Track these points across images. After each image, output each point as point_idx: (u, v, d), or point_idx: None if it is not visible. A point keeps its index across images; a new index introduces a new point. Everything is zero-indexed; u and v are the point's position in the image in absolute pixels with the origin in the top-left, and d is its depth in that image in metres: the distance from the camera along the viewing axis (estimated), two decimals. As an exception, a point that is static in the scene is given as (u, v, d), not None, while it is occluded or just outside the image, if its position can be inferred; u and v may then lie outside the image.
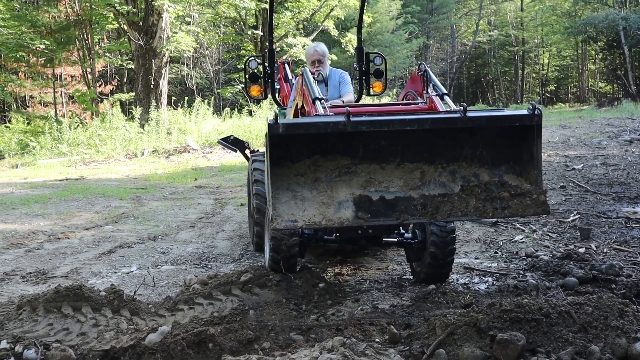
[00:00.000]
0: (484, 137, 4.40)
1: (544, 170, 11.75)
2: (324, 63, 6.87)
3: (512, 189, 4.29)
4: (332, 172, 4.28)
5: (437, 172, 4.39)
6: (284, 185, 4.17)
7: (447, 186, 4.34)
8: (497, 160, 4.44)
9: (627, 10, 40.84)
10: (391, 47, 42.63)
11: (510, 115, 4.42)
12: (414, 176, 4.36)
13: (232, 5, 24.66)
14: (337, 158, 4.28)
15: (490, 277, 5.76)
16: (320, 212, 4.13)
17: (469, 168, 4.42)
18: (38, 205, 10.20)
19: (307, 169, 4.25)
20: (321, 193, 4.22)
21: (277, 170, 4.09)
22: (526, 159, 4.38)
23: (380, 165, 4.33)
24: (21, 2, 28.04)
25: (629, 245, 6.65)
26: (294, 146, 4.18)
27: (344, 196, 4.21)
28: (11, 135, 20.67)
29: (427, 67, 5.39)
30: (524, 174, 4.40)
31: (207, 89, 38.29)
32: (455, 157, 4.40)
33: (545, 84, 59.93)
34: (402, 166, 4.36)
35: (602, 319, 3.55)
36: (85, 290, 4.85)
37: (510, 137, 4.40)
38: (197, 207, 9.91)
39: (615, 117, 23.87)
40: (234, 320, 4.38)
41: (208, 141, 20.21)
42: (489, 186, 4.31)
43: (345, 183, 4.26)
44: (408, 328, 4.18)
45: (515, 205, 4.26)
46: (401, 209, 4.23)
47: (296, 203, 4.15)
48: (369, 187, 4.27)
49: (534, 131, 4.26)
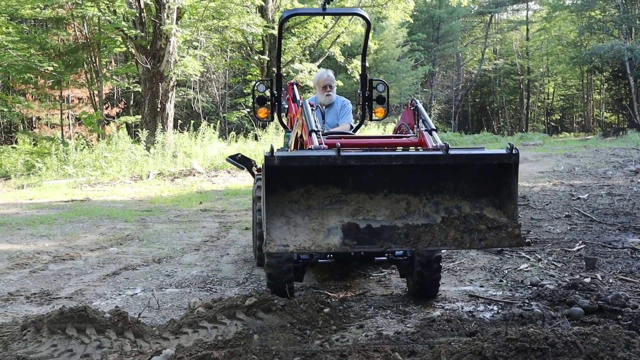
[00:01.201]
0: (465, 172, 4.63)
1: (549, 199, 11.78)
2: (333, 88, 7.39)
3: (490, 222, 4.53)
4: (324, 200, 4.51)
5: (422, 203, 4.62)
6: (278, 211, 4.40)
7: (430, 217, 4.58)
8: (478, 194, 4.67)
9: (633, 41, 41.09)
10: (397, 74, 42.88)
11: (489, 154, 4.68)
12: (400, 206, 4.59)
13: (240, 30, 24.84)
14: (328, 188, 4.51)
15: (496, 305, 5.74)
16: (311, 237, 4.37)
17: (452, 200, 4.65)
18: (43, 226, 10.22)
19: (300, 196, 4.48)
20: (312, 220, 4.45)
21: (273, 198, 4.34)
22: (505, 194, 4.60)
23: (368, 195, 4.57)
24: (30, 25, 28.31)
25: (634, 276, 6.62)
26: (289, 176, 4.42)
27: (333, 223, 4.45)
28: (17, 156, 20.74)
29: (419, 103, 5.69)
30: (502, 208, 4.62)
31: (213, 113, 38.45)
32: (439, 189, 4.63)
33: (550, 113, 60.10)
34: (389, 197, 4.59)
35: (609, 349, 3.53)
36: (90, 311, 4.84)
37: (490, 173, 4.64)
38: (202, 230, 9.91)
39: (621, 147, 23.89)
40: (238, 344, 4.37)
41: (213, 165, 20.26)
42: (468, 218, 4.54)
43: (335, 211, 4.51)
44: (412, 355, 4.16)
45: (491, 237, 4.49)
46: (386, 237, 4.46)
47: (289, 228, 4.39)
48: (357, 215, 4.51)
49: (512, 169, 4.48)
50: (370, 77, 7.89)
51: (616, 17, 44.03)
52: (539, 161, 19.67)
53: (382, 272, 7.07)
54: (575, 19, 49.44)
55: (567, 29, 53.27)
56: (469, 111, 60.92)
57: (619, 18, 43.20)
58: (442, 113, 55.81)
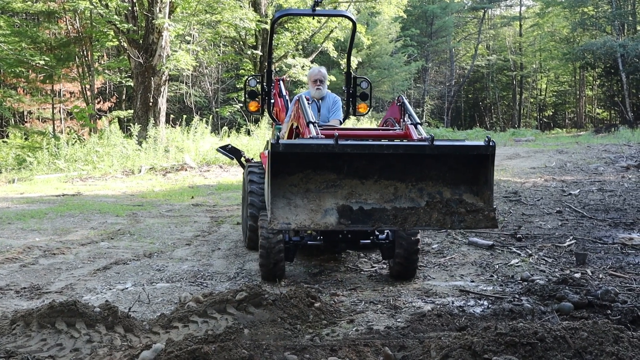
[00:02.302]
0: (447, 162, 5.17)
1: (541, 195, 11.81)
2: (323, 83, 7.77)
3: (468, 206, 5.09)
4: (321, 184, 5.04)
5: (408, 188, 5.16)
6: (280, 193, 4.92)
7: (415, 201, 5.13)
8: (458, 181, 5.20)
9: (625, 38, 41.18)
10: (390, 69, 42.86)
11: (469, 145, 5.27)
12: (389, 191, 5.13)
13: (232, 25, 24.77)
14: (325, 173, 5.05)
15: (486, 300, 5.75)
16: (310, 217, 4.91)
17: (434, 186, 5.18)
18: (34, 221, 10.18)
19: (299, 181, 5.02)
20: (311, 201, 4.99)
21: (276, 181, 4.86)
22: (482, 181, 5.15)
23: (360, 180, 5.10)
24: (22, 19, 28.16)
25: (624, 271, 6.65)
26: (291, 162, 4.93)
27: (329, 205, 4.99)
28: (8, 150, 20.63)
29: (405, 99, 6.26)
30: (479, 194, 5.17)
31: (205, 108, 38.35)
32: (423, 177, 5.17)
33: (542, 109, 60.22)
34: (379, 182, 5.13)
35: (597, 344, 3.54)
36: (80, 306, 4.83)
37: (469, 163, 5.19)
38: (193, 225, 9.90)
39: (612, 143, 23.98)
40: (229, 338, 4.36)
41: (205, 159, 20.22)
42: (449, 203, 5.09)
43: (331, 194, 5.04)
44: (403, 350, 4.16)
45: (469, 219, 5.06)
46: (376, 218, 5.01)
47: (290, 209, 4.92)
48: (351, 199, 5.05)
49: (489, 159, 5.05)
50: (354, 74, 8.59)
51: (609, 13, 44.13)
52: (531, 157, 19.73)
53: (373, 267, 7.08)
54: (568, 15, 49.52)
55: (560, 25, 53.33)
56: (462, 107, 61.00)
57: (611, 14, 43.31)
58: (435, 109, 55.89)
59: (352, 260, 7.41)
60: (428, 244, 8.17)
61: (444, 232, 8.84)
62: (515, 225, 9.28)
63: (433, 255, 7.64)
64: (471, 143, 5.31)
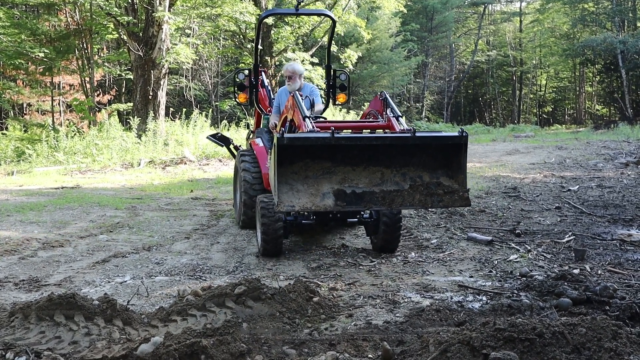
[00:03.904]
0: (427, 150, 5.97)
1: (540, 191, 11.82)
2: (293, 77, 8.51)
3: (445, 188, 5.87)
4: (318, 171, 5.78)
5: (393, 174, 5.93)
6: (284, 180, 5.63)
7: (400, 184, 5.90)
8: (436, 167, 5.99)
9: (625, 34, 41.14)
10: (390, 64, 42.77)
11: (446, 136, 6.07)
12: (376, 176, 5.90)
13: (232, 18, 24.72)
14: (321, 162, 5.78)
15: (485, 295, 5.76)
16: (310, 200, 5.64)
17: (416, 171, 5.95)
18: (33, 213, 10.17)
19: (299, 169, 5.72)
20: (310, 187, 5.71)
21: (281, 169, 5.57)
22: (456, 167, 5.94)
23: (352, 167, 5.85)
24: (21, 10, 28.07)
25: (623, 268, 6.65)
26: (292, 153, 5.62)
27: (326, 189, 5.72)
28: (8, 142, 20.58)
29: (387, 94, 7.02)
30: (454, 177, 5.95)
31: (205, 101, 38.29)
32: (406, 163, 5.94)
33: (542, 105, 60.22)
34: (368, 169, 5.89)
35: (596, 340, 3.54)
36: (78, 298, 4.83)
37: (446, 151, 5.99)
38: (192, 219, 9.89)
39: (612, 139, 23.97)
40: (227, 332, 4.36)
41: (205, 153, 20.20)
42: (429, 185, 5.87)
43: (327, 180, 5.78)
44: (401, 345, 4.17)
45: (447, 199, 5.85)
46: (367, 200, 5.76)
47: (293, 193, 5.64)
48: (344, 183, 5.79)
49: (462, 148, 5.85)
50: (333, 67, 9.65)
51: (609, 9, 44.06)
52: (530, 153, 19.72)
53: (372, 261, 7.08)
54: (568, 11, 49.44)
55: (560, 21, 53.28)
56: (462, 102, 60.96)
57: (611, 10, 43.24)
58: (435, 104, 55.83)
59: (351, 254, 7.42)
60: (427, 239, 8.18)
61: (442, 228, 8.84)
62: (514, 220, 9.28)
63: (432, 250, 7.64)
64: (447, 134, 6.06)
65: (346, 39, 35.87)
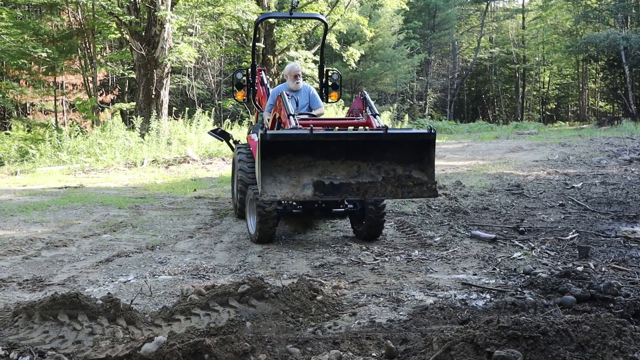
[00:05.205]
0: (399, 145, 6.60)
1: (544, 188, 11.80)
2: (301, 77, 8.96)
3: (415, 180, 6.52)
4: (299, 164, 6.37)
5: (368, 167, 6.54)
6: (267, 172, 6.25)
7: (374, 176, 6.52)
8: (407, 161, 6.61)
9: (628, 30, 41.08)
10: (392, 62, 42.71)
11: (416, 132, 6.87)
12: (353, 169, 6.52)
13: (235, 17, 24.69)
14: (303, 156, 6.38)
15: (488, 293, 5.74)
16: (291, 190, 6.28)
17: (389, 165, 6.56)
18: (36, 213, 10.18)
19: (282, 162, 6.33)
20: (292, 178, 6.31)
21: (264, 162, 6.22)
22: (426, 161, 6.59)
23: (331, 161, 6.45)
24: (24, 10, 28.10)
25: (627, 265, 6.63)
26: (276, 147, 6.26)
27: (306, 180, 6.33)
28: (11, 142, 20.60)
29: (367, 94, 7.61)
30: (424, 170, 6.59)
31: (208, 100, 38.29)
32: (380, 157, 6.57)
33: (545, 102, 60.14)
34: (345, 162, 6.49)
35: (600, 338, 3.53)
36: (82, 298, 4.83)
37: (416, 146, 6.65)
38: (195, 218, 9.90)
39: (615, 136, 23.94)
40: (231, 331, 4.36)
41: (208, 152, 20.21)
42: (400, 178, 6.50)
43: (307, 172, 6.37)
44: (405, 343, 4.16)
45: (416, 190, 6.51)
46: (343, 190, 6.41)
47: (276, 184, 6.26)
48: (323, 175, 6.38)
49: (431, 144, 6.54)
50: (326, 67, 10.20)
51: (612, 6, 43.97)
52: (534, 150, 19.70)
53: (375, 260, 7.07)
54: (571, 7, 49.37)
55: (563, 18, 53.21)
56: (465, 100, 60.90)
57: (614, 7, 43.16)
58: (438, 101, 55.78)
59: (354, 253, 7.41)
60: (430, 237, 8.17)
61: (446, 226, 8.84)
62: (517, 218, 9.27)
63: (435, 248, 7.63)
64: (417, 131, 6.83)
65: (349, 37, 35.81)
